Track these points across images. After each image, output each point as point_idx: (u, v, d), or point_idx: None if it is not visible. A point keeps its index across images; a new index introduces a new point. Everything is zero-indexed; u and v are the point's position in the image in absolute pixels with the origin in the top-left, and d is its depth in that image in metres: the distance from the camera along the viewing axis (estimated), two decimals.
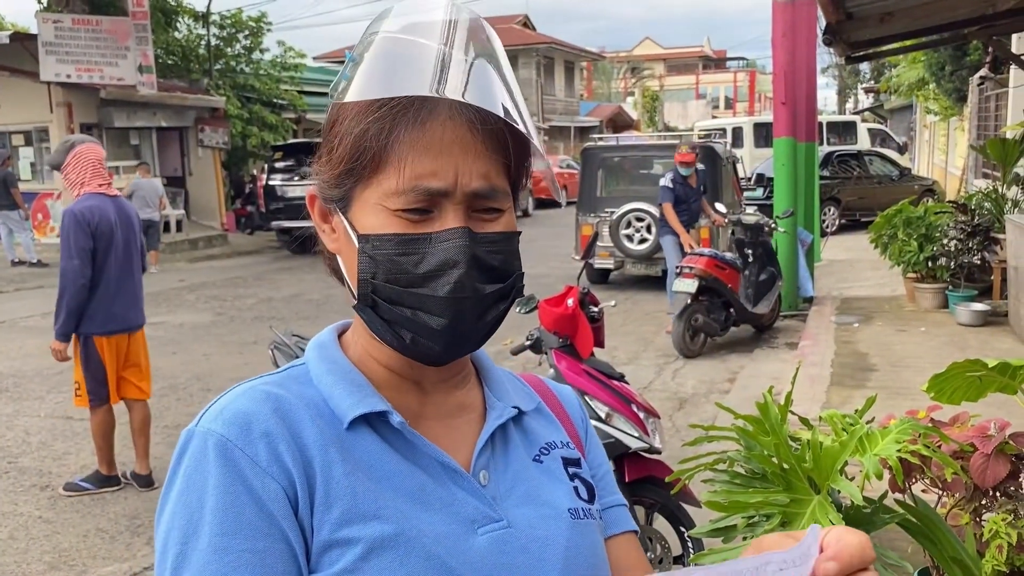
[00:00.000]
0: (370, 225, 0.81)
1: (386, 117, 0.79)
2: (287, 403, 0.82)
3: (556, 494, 0.90)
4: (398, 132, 0.79)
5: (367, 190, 0.81)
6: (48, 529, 4.33)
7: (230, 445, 0.77)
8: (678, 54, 64.19)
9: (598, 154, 11.84)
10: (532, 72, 36.78)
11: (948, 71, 15.63)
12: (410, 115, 0.78)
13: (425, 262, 0.79)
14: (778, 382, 6.02)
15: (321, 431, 0.81)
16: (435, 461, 0.84)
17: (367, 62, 0.80)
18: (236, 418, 0.79)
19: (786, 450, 1.97)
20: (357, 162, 0.81)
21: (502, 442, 0.91)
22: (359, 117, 0.80)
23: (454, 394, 0.91)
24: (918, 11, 5.79)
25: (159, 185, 14.50)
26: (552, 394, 1.04)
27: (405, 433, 0.84)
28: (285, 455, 0.78)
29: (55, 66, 15.57)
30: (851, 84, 46.93)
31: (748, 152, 20.77)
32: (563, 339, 3.35)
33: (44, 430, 5.88)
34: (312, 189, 0.88)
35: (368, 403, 0.83)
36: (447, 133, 0.79)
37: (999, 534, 2.30)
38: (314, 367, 0.87)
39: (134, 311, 4.77)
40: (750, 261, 8.23)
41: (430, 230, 0.80)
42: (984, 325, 7.64)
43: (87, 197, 4.54)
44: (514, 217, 0.86)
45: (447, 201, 0.80)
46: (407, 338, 0.82)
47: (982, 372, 2.24)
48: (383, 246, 0.80)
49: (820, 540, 0.61)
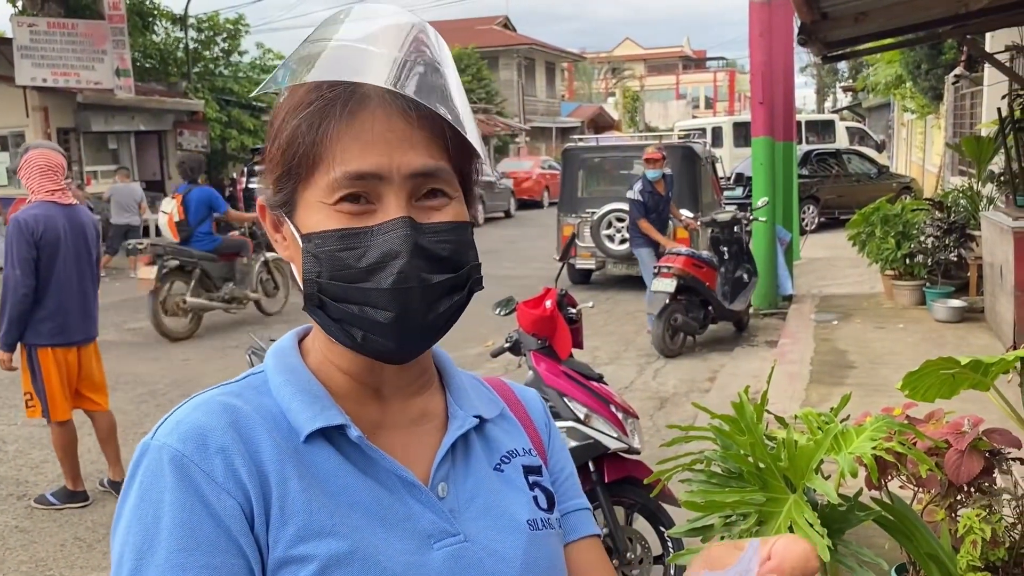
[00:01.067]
0: (312, 224, 0.80)
1: (315, 113, 0.78)
2: (244, 416, 0.80)
3: (515, 505, 0.89)
4: (327, 125, 0.78)
5: (307, 191, 0.80)
6: (25, 539, 4.28)
7: (186, 460, 0.76)
8: (658, 54, 64.44)
9: (579, 155, 11.86)
10: (513, 73, 36.80)
11: (924, 70, 15.77)
12: (338, 107, 0.78)
13: (367, 255, 0.78)
14: (758, 380, 6.06)
15: (278, 445, 0.80)
16: (393, 475, 0.83)
17: (291, 65, 0.80)
18: (192, 432, 0.78)
19: (762, 449, 1.98)
20: (292, 163, 0.80)
21: (463, 451, 0.90)
22: (289, 117, 0.80)
23: (415, 401, 0.90)
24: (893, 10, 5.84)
25: (138, 189, 14.39)
26: (516, 398, 1.03)
27: (363, 447, 0.83)
28: (241, 470, 0.77)
29: (31, 70, 15.43)
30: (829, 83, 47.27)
31: (728, 152, 20.87)
32: (542, 341, 3.35)
33: (21, 439, 5.81)
34: (260, 199, 0.87)
35: (325, 416, 0.82)
36: (378, 122, 0.78)
37: (973, 529, 2.33)
38: (272, 376, 0.86)
39: (84, 324, 4.57)
40: (726, 259, 8.28)
41: (371, 223, 0.78)
42: (961, 321, 7.71)
43: (35, 205, 4.40)
44: (465, 209, 0.85)
45: (386, 190, 0.78)
46: (358, 336, 0.80)
47: (955, 369, 2.26)
48: (324, 243, 0.79)
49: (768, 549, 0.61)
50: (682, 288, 7.53)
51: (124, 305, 11.23)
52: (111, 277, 13.71)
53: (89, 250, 4.59)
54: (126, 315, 10.51)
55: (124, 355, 8.25)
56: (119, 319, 10.21)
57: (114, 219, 13.81)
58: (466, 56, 33.08)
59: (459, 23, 38.93)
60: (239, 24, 21.35)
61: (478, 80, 33.05)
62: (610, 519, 3.17)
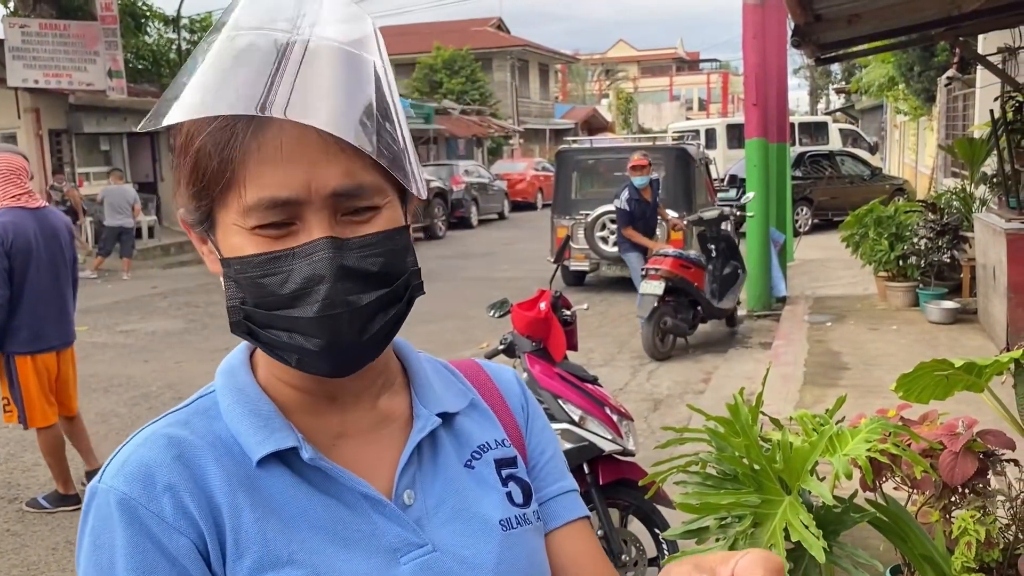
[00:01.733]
0: (230, 247, 0.75)
1: (221, 130, 0.72)
2: (190, 447, 0.77)
3: (487, 505, 0.86)
4: (233, 146, 0.71)
5: (223, 210, 0.75)
6: (16, 543, 4.26)
7: (133, 503, 0.74)
8: (652, 56, 64.57)
9: (572, 156, 11.87)
10: (507, 75, 36.82)
11: (917, 71, 15.83)
12: (243, 124, 0.71)
13: (290, 281, 0.73)
14: (752, 382, 6.06)
15: (228, 474, 0.76)
16: (354, 491, 0.80)
17: (200, 70, 0.72)
18: (137, 473, 0.75)
19: (757, 451, 1.98)
20: (203, 181, 0.74)
21: (430, 451, 0.87)
22: (194, 134, 0.73)
23: (375, 405, 0.86)
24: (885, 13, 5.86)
25: (130, 191, 14.35)
26: (490, 381, 0.98)
27: (319, 466, 0.79)
28: (191, 506, 0.74)
29: (22, 71, 15.38)
30: (822, 85, 47.40)
31: (721, 153, 20.91)
32: (536, 343, 3.34)
33: (12, 442, 5.78)
34: (180, 213, 0.81)
35: (275, 440, 0.78)
36: (287, 139, 0.71)
37: (968, 531, 2.33)
38: (222, 398, 0.82)
39: (61, 328, 4.52)
40: (714, 256, 8.25)
41: (293, 244, 0.73)
42: (954, 323, 7.73)
43: (2, 213, 4.27)
44: (399, 212, 0.79)
45: (307, 210, 0.73)
46: (292, 360, 0.76)
47: (949, 371, 2.26)
48: (244, 268, 0.74)
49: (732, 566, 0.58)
50: (670, 289, 7.50)
51: (116, 307, 11.20)
52: (103, 279, 13.68)
53: (63, 252, 4.49)
54: (118, 317, 10.48)
55: (117, 357, 8.22)
56: (111, 321, 10.18)
57: (107, 221, 13.77)
58: (460, 58, 33.09)
59: (453, 24, 38.95)
60: None
61: (472, 82, 33.06)
62: (605, 521, 3.17)
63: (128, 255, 14.00)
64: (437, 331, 8.54)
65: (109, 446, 5.58)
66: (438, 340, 8.11)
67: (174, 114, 0.72)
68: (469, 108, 30.94)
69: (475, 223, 21.36)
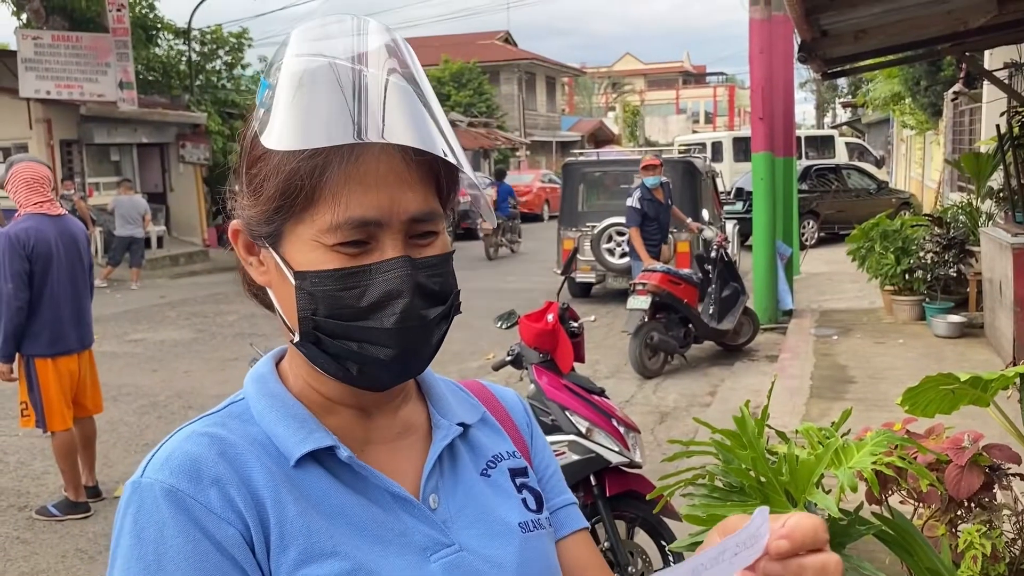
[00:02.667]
0: (306, 262, 0.79)
1: (319, 154, 0.76)
2: (232, 445, 0.80)
3: (506, 509, 0.91)
4: (331, 169, 0.77)
5: (300, 225, 0.79)
6: (26, 550, 4.28)
7: (181, 494, 0.75)
8: (658, 69, 64.68)
9: (579, 169, 11.91)
10: (514, 88, 36.95)
11: (923, 86, 15.85)
12: (344, 151, 0.76)
13: (368, 294, 0.78)
14: (758, 395, 6.07)
15: (269, 471, 0.80)
16: (385, 492, 0.84)
17: (285, 100, 0.76)
18: (183, 466, 0.77)
19: (763, 464, 2.00)
20: (288, 199, 0.78)
21: (450, 460, 0.91)
22: (289, 155, 0.77)
23: (398, 415, 0.90)
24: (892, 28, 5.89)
25: (141, 202, 14.43)
26: (496, 400, 1.03)
27: (353, 466, 0.83)
28: (237, 499, 0.77)
29: (35, 82, 15.50)
30: (829, 99, 47.41)
31: (728, 166, 20.95)
32: (543, 354, 3.37)
33: (22, 449, 5.82)
34: (236, 224, 0.85)
35: (314, 439, 0.82)
36: (381, 165, 0.77)
37: (974, 545, 2.34)
38: (255, 403, 0.86)
39: (81, 331, 4.66)
40: (711, 277, 8.07)
41: (369, 261, 0.78)
42: (960, 337, 7.73)
43: (25, 218, 4.46)
44: (447, 236, 0.86)
45: (383, 231, 0.78)
46: (354, 370, 0.81)
47: (955, 385, 2.27)
48: (323, 282, 0.78)
49: (781, 523, 0.64)
50: (660, 305, 7.39)
51: (125, 316, 11.25)
52: (112, 288, 13.74)
53: (81, 258, 4.66)
54: (127, 326, 10.53)
55: (125, 367, 8.26)
56: (120, 330, 10.22)
57: (118, 231, 13.85)
58: (467, 71, 33.22)
59: (461, 38, 39.13)
60: (242, 38, 21.44)
61: (479, 94, 33.18)
62: (611, 533, 3.18)
63: (137, 265, 14.07)
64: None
65: (118, 454, 5.61)
66: (444, 350, 7.97)
67: (274, 141, 0.76)
68: (476, 121, 31.04)
69: (481, 234, 21.38)
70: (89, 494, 4.78)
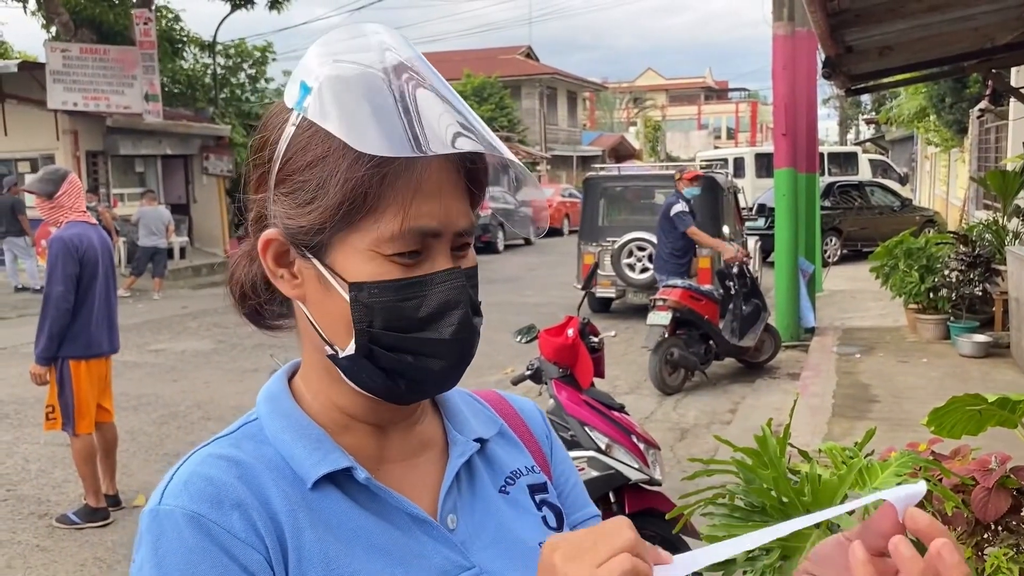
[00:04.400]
0: (363, 272, 0.77)
1: (386, 163, 0.74)
2: (249, 468, 0.79)
3: (525, 528, 0.89)
4: (394, 178, 0.75)
5: (354, 234, 0.77)
6: (46, 558, 4.31)
7: (204, 520, 0.73)
8: (680, 85, 64.69)
9: (600, 183, 11.90)
10: (535, 102, 37.07)
11: (948, 103, 15.73)
12: (407, 160, 0.75)
13: (425, 305, 0.78)
14: (779, 413, 6.01)
15: (286, 495, 0.78)
16: (403, 513, 0.82)
17: (347, 106, 0.74)
18: (204, 490, 0.75)
19: (785, 483, 1.97)
20: (351, 208, 0.76)
21: (467, 478, 0.89)
22: (355, 163, 0.74)
23: (414, 431, 0.89)
24: (917, 45, 5.85)
25: (165, 213, 14.58)
26: (514, 411, 1.01)
27: (371, 487, 0.81)
28: (258, 524, 0.75)
29: (62, 94, 15.73)
30: (852, 115, 47.19)
31: (750, 182, 20.85)
32: (563, 369, 3.35)
33: (44, 457, 5.86)
34: (272, 233, 0.81)
35: (330, 461, 0.80)
36: (442, 175, 0.77)
37: (1001, 568, 2.29)
38: (268, 423, 0.84)
39: (112, 335, 4.83)
40: (733, 294, 8.02)
41: (422, 272, 0.78)
42: (986, 356, 7.62)
43: (72, 225, 4.60)
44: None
45: (437, 242, 0.78)
46: (401, 385, 0.80)
47: (982, 406, 2.24)
48: (382, 293, 0.77)
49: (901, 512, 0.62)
50: (681, 322, 7.34)
51: (146, 326, 11.34)
52: (135, 298, 13.86)
53: (112, 265, 4.85)
54: (148, 336, 10.61)
55: (146, 376, 8.32)
56: (141, 340, 10.30)
57: (141, 241, 14.00)
58: (489, 85, 33.39)
59: (483, 52, 39.35)
60: (266, 51, 21.70)
61: (500, 109, 33.31)
62: None
63: (160, 275, 14.20)
64: None
65: (138, 464, 5.64)
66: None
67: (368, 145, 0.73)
68: (498, 135, 31.07)
69: (501, 248, 21.44)
70: (109, 503, 4.81)
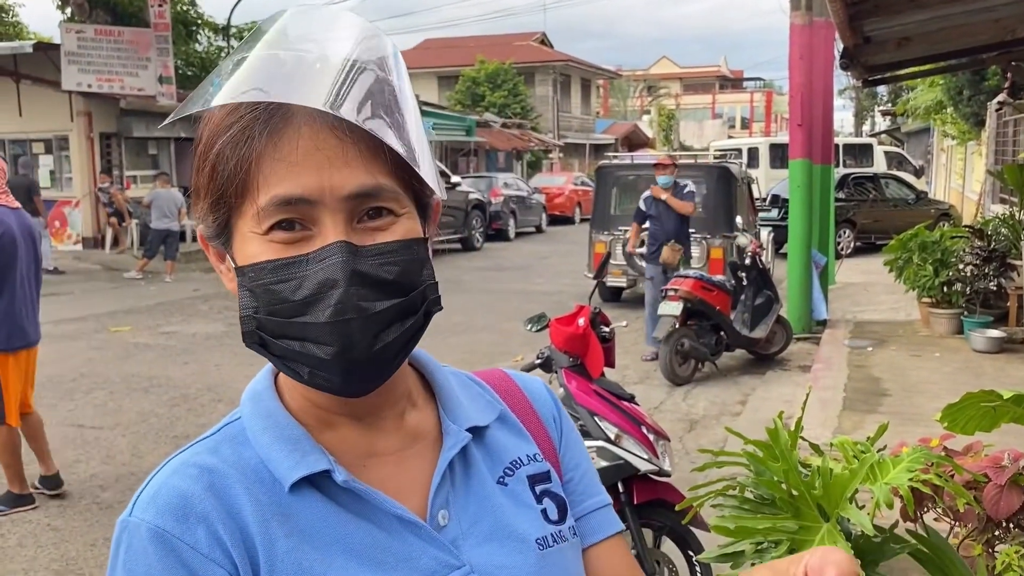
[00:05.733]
0: (246, 255, 0.75)
1: (237, 135, 0.72)
2: (222, 476, 0.77)
3: (523, 523, 0.85)
4: (249, 148, 0.72)
5: (239, 220, 0.75)
6: (56, 537, 4.34)
7: (167, 536, 0.73)
8: (695, 73, 64.34)
9: (612, 172, 11.84)
10: (549, 89, 36.94)
11: (966, 95, 15.58)
12: (258, 127, 0.72)
13: (303, 287, 0.72)
14: (790, 405, 5.99)
15: (259, 503, 0.76)
16: (388, 514, 0.79)
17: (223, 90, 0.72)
18: (169, 504, 0.74)
19: (795, 476, 1.96)
20: (220, 192, 0.74)
21: (463, 469, 0.86)
22: (211, 139, 0.74)
23: (404, 422, 0.85)
24: (936, 36, 5.79)
25: (177, 195, 14.63)
26: (519, 391, 0.96)
27: (353, 489, 0.78)
28: (224, 537, 0.74)
29: (77, 75, 15.76)
30: (868, 106, 46.84)
31: (764, 173, 20.75)
32: (573, 358, 3.34)
33: (55, 438, 5.88)
34: (200, 230, 0.81)
35: (308, 463, 0.77)
36: (304, 140, 0.72)
37: (1012, 566, 2.28)
38: (249, 423, 0.81)
39: (35, 326, 4.59)
40: (745, 285, 7.99)
41: (308, 250, 0.73)
42: (1000, 352, 7.57)
43: None
44: (417, 224, 0.79)
45: (320, 213, 0.73)
46: (304, 373, 0.75)
47: (997, 402, 2.22)
48: (258, 275, 0.74)
49: (803, 565, 0.61)
50: (692, 312, 7.31)
51: (158, 309, 11.40)
52: (147, 281, 13.93)
53: (36, 253, 4.56)
54: (160, 319, 10.66)
55: (157, 358, 8.36)
56: (153, 322, 10.36)
57: (154, 224, 14.05)
58: (503, 71, 33.27)
59: (497, 39, 39.22)
60: None
61: (514, 95, 33.21)
62: (638, 541, 3.14)
63: (172, 258, 14.25)
64: (471, 342, 8.55)
65: (148, 445, 5.67)
66: (473, 351, 8.13)
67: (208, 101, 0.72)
68: (510, 122, 31.06)
69: (512, 236, 21.40)
70: (50, 484, 4.76)
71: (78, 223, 16.89)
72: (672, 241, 8.25)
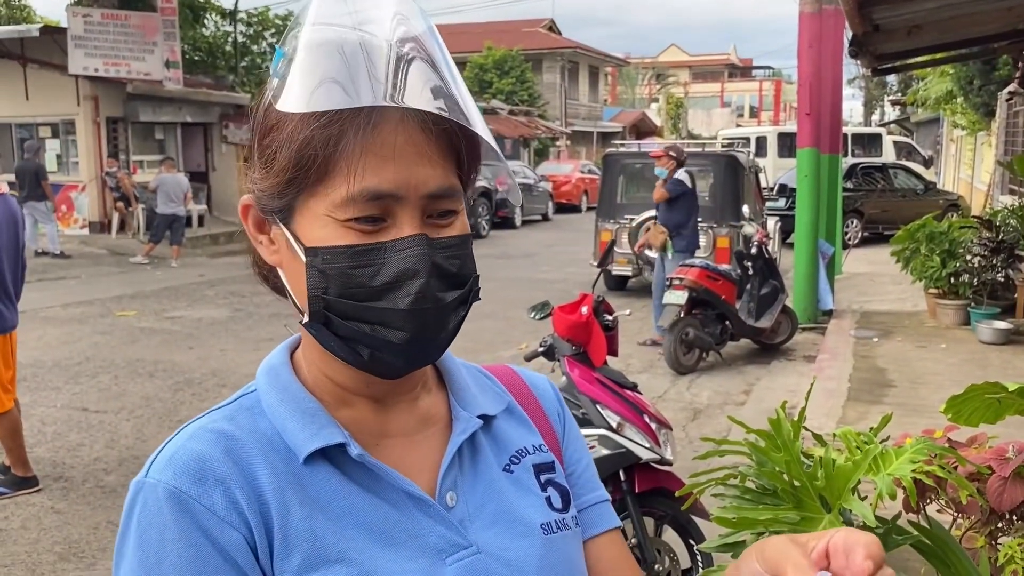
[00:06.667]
0: (318, 237, 0.76)
1: (334, 123, 0.73)
2: (238, 443, 0.78)
3: (528, 509, 0.87)
4: (347, 139, 0.73)
5: (312, 199, 0.76)
6: (59, 520, 4.36)
7: (184, 496, 0.73)
8: (704, 62, 64.02)
9: (619, 160, 11.80)
10: (556, 76, 36.80)
11: (976, 85, 15.47)
12: (360, 120, 0.73)
13: (382, 273, 0.75)
14: (794, 395, 5.98)
15: (275, 471, 0.77)
16: (399, 490, 0.80)
17: (300, 67, 0.73)
18: (188, 466, 0.75)
19: (798, 467, 1.95)
20: (301, 171, 0.75)
21: (470, 455, 0.87)
22: (303, 123, 0.74)
23: (417, 406, 0.87)
24: (946, 24, 5.74)
25: (183, 180, 14.63)
26: (526, 387, 0.99)
27: (366, 464, 0.80)
28: (241, 501, 0.74)
29: (83, 60, 15.74)
30: (877, 96, 46.56)
31: (772, 162, 20.65)
32: (576, 347, 3.33)
33: (60, 421, 5.92)
34: (247, 199, 0.82)
35: (324, 436, 0.79)
36: (400, 137, 0.74)
37: (1015, 559, 2.26)
38: (265, 396, 0.83)
39: (14, 311, 4.51)
40: (751, 274, 7.97)
41: (385, 239, 0.75)
42: (1006, 343, 7.54)
43: None
44: (466, 218, 0.82)
45: (401, 207, 0.75)
46: (365, 354, 0.77)
47: (1001, 394, 2.20)
48: (335, 259, 0.75)
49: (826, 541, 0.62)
50: (697, 301, 7.29)
51: (163, 294, 11.42)
52: (153, 265, 13.96)
53: (18, 239, 4.51)
54: (166, 303, 10.68)
55: (162, 343, 8.38)
56: (159, 307, 10.38)
57: (160, 209, 14.06)
58: (511, 58, 33.15)
59: (505, 25, 39.03)
60: (288, 20, 21.61)
61: (521, 82, 33.10)
62: (639, 529, 3.14)
63: (178, 243, 14.26)
64: (476, 330, 8.55)
65: (152, 429, 5.69)
66: (477, 339, 8.12)
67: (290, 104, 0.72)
68: (517, 109, 30.98)
69: (518, 223, 21.37)
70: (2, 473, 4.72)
71: (84, 207, 16.90)
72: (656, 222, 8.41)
